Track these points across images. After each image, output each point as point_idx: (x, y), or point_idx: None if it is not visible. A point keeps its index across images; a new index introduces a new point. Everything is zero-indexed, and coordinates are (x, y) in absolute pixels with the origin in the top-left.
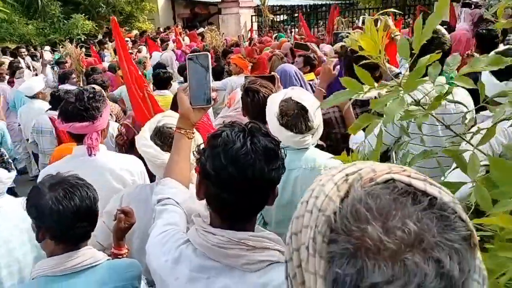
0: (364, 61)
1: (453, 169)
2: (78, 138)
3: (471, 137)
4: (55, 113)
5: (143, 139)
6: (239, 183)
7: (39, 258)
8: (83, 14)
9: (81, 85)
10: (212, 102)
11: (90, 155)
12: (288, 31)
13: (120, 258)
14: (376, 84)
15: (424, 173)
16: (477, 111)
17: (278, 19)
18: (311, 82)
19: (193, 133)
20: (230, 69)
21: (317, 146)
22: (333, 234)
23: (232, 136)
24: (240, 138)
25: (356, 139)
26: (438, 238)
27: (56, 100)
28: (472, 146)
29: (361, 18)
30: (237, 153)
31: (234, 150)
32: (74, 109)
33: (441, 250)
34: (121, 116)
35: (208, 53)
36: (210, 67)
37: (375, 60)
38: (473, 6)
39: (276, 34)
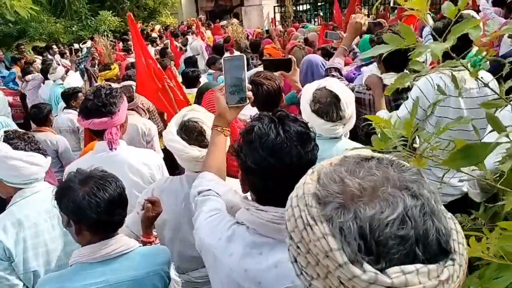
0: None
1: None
2: (99, 134)
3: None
4: (73, 112)
5: (170, 134)
6: (280, 171)
7: (68, 244)
8: (110, 11)
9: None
10: (248, 101)
11: (111, 149)
12: (312, 21)
13: (149, 245)
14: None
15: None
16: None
17: (300, 9)
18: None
19: (228, 130)
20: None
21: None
22: (321, 201)
23: (265, 128)
24: (272, 129)
25: (382, 116)
26: (398, 174)
27: None
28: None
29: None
30: (273, 143)
31: (270, 142)
32: (93, 106)
33: (406, 181)
34: (153, 111)
35: (244, 55)
36: (246, 67)
37: (420, 14)
38: None
39: (304, 24)
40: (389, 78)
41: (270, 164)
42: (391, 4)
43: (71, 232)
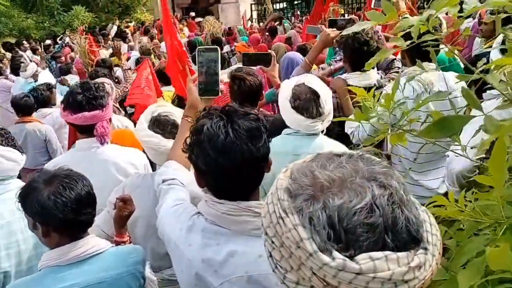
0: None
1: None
2: (85, 130)
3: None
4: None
5: (143, 130)
6: (233, 170)
7: (39, 246)
8: (83, 6)
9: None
10: (220, 93)
11: (102, 143)
12: (289, 19)
13: (122, 245)
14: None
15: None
16: (483, 91)
17: (277, 7)
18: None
19: None
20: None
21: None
22: (292, 193)
23: (214, 129)
24: (221, 128)
25: (352, 124)
26: (367, 167)
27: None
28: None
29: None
30: (223, 144)
31: (220, 142)
32: (84, 99)
33: (375, 173)
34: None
35: (218, 47)
36: (219, 59)
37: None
38: None
39: (280, 21)
40: (354, 78)
41: (221, 165)
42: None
43: (37, 235)
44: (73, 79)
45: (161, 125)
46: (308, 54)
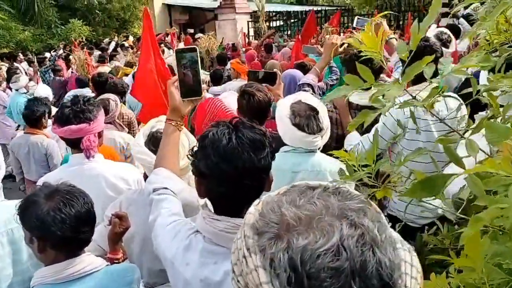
0: (364, 57)
1: (448, 163)
2: (74, 145)
3: (464, 132)
4: None
5: (138, 146)
6: (233, 176)
7: (16, 264)
8: (80, 20)
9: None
10: (203, 94)
11: (88, 157)
12: (285, 36)
13: (116, 262)
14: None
15: (419, 168)
16: (475, 112)
17: (273, 25)
18: None
19: (182, 124)
20: (228, 74)
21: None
22: (258, 230)
23: (218, 134)
24: (225, 135)
25: (351, 140)
26: (341, 203)
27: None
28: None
29: (355, 19)
30: (225, 149)
31: (222, 147)
32: (70, 112)
33: (348, 210)
34: (134, 123)
35: (196, 47)
36: (199, 59)
37: (375, 56)
38: (450, 15)
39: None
40: (355, 96)
41: (222, 169)
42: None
43: (33, 250)
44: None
45: (156, 143)
46: (318, 63)
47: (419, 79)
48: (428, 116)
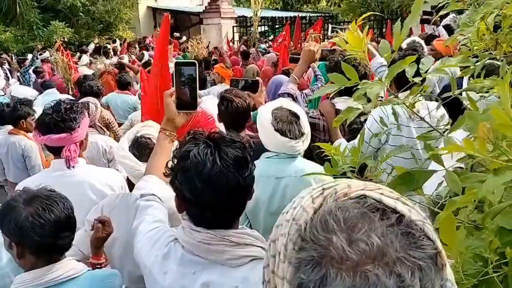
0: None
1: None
2: (56, 151)
3: (444, 131)
4: None
5: (122, 150)
6: (219, 200)
7: None
8: (63, 22)
9: (70, 93)
10: (198, 108)
11: (68, 167)
12: (269, 42)
13: (98, 267)
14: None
15: (401, 164)
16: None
17: (259, 30)
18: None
19: (175, 135)
20: (213, 78)
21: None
22: (302, 242)
23: (201, 156)
24: (208, 156)
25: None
26: (401, 253)
27: None
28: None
29: (329, 27)
30: (210, 174)
31: (207, 172)
32: (51, 121)
33: (403, 266)
34: (113, 123)
35: (196, 61)
36: (197, 74)
37: (359, 55)
38: (431, 22)
39: (258, 45)
40: (341, 103)
41: (207, 195)
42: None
43: (12, 255)
44: (53, 93)
45: (139, 148)
46: (295, 71)
47: (404, 84)
48: (411, 123)
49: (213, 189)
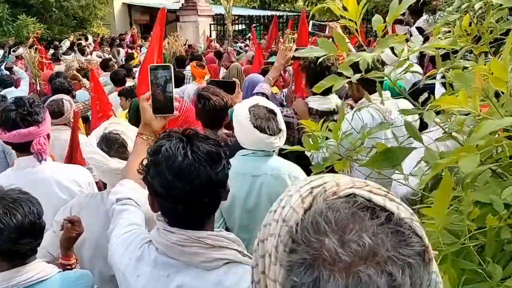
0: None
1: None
2: (22, 148)
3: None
4: None
5: (89, 146)
6: (190, 194)
7: None
8: (35, 17)
9: (38, 89)
10: (175, 111)
11: (40, 161)
12: (247, 41)
13: (69, 268)
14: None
15: None
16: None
17: (236, 29)
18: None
19: (153, 139)
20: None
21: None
22: (294, 244)
23: (172, 150)
24: (180, 150)
25: None
26: (392, 252)
27: None
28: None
29: (310, 23)
30: (181, 166)
31: (177, 164)
32: (17, 116)
33: (394, 264)
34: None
35: (171, 64)
36: (173, 77)
37: (353, 26)
38: (404, 23)
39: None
40: (314, 101)
41: (178, 188)
42: (310, 29)
43: None
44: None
45: (109, 143)
46: (270, 72)
47: (370, 84)
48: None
49: (184, 182)
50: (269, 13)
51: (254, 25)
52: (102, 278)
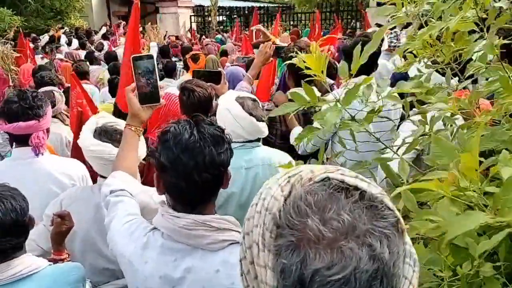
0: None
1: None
2: (20, 140)
3: (398, 149)
4: None
5: (89, 140)
6: (193, 169)
7: None
8: (10, 9)
9: (10, 84)
10: (161, 100)
11: (37, 154)
12: (229, 32)
13: (61, 263)
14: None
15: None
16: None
17: (217, 20)
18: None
19: (141, 130)
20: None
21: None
22: (279, 229)
23: (180, 129)
24: (187, 129)
25: (296, 134)
26: (369, 225)
27: None
28: (398, 155)
29: (253, 28)
30: (186, 142)
31: (184, 140)
32: (19, 108)
33: (372, 236)
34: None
35: (153, 54)
36: (156, 66)
37: (317, 78)
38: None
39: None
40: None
41: (182, 162)
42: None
43: None
44: None
45: (108, 135)
46: (250, 70)
47: (359, 72)
48: (364, 108)
49: (188, 156)
50: (249, 4)
51: (234, 16)
52: (93, 271)
